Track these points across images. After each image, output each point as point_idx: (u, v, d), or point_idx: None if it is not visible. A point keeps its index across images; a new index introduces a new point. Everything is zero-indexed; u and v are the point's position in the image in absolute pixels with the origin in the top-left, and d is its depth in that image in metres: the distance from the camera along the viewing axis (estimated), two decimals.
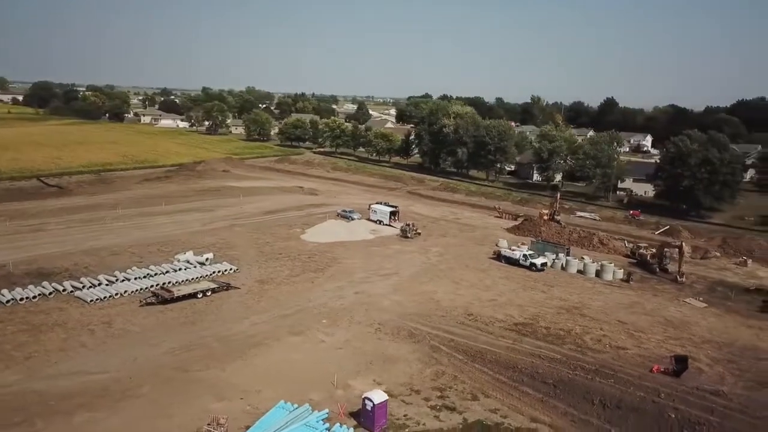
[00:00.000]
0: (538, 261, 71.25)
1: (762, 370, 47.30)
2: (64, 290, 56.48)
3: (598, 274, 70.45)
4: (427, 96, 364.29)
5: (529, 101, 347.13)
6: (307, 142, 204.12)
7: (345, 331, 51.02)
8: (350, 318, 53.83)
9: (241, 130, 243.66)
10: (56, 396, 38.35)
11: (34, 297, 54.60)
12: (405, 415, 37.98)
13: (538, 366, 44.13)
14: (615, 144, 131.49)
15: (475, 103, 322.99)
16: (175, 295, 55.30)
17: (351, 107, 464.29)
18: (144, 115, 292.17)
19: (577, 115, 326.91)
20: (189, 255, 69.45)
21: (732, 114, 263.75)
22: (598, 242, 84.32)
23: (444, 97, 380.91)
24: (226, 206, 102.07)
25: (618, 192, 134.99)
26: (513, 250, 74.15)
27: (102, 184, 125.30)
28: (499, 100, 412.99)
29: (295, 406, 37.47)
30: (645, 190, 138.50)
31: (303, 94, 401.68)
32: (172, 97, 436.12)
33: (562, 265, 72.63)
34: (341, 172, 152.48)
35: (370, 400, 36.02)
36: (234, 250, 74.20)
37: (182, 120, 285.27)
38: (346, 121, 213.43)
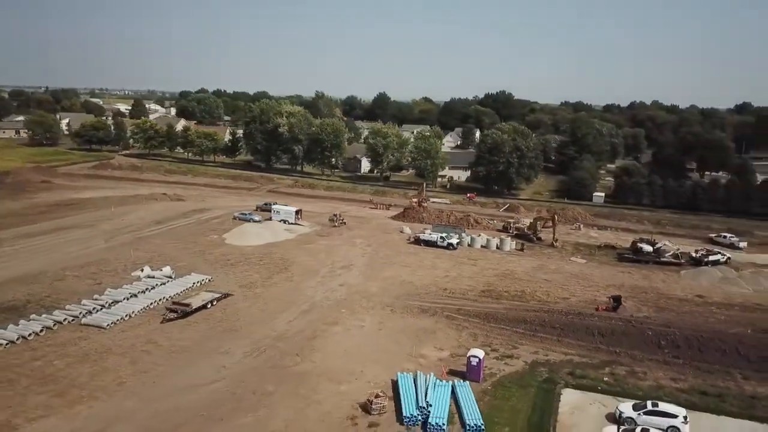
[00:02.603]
0: (454, 241, 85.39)
1: (651, 299, 67.49)
2: (65, 320, 53.84)
3: (498, 247, 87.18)
4: (203, 91, 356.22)
5: (295, 95, 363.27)
6: (108, 145, 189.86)
7: (369, 316, 58.75)
8: (361, 305, 61.46)
9: (9, 133, 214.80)
10: (199, 408, 40.57)
11: (41, 330, 51.47)
12: (485, 366, 48.47)
13: (542, 317, 57.98)
14: (439, 138, 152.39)
15: (254, 99, 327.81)
16: (193, 308, 56.76)
17: (96, 101, 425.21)
18: None
19: (352, 108, 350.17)
20: (147, 270, 68.50)
21: (481, 105, 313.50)
22: (474, 222, 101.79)
23: (217, 93, 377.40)
24: (104, 220, 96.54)
25: (439, 179, 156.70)
26: (430, 234, 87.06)
27: None
28: (264, 93, 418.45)
29: (411, 374, 45.50)
30: (459, 175, 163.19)
31: (65, 91, 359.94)
32: None
33: (468, 243, 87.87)
34: (179, 175, 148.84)
35: (476, 357, 45.96)
36: (179, 262, 74.13)
37: None
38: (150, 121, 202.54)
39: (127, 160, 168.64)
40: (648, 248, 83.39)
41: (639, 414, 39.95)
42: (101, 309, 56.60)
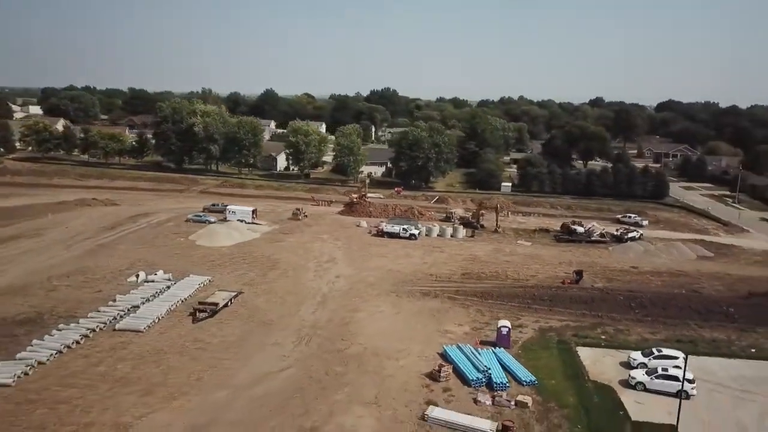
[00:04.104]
0: (415, 232, 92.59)
1: (599, 272, 79.03)
2: (97, 326, 54.11)
3: (452, 235, 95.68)
4: (72, 88, 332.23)
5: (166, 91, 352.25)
6: None
7: (382, 302, 64.27)
8: (368, 293, 66.75)
9: None
10: (288, 391, 44.39)
11: (81, 338, 51.63)
12: None
13: (532, 292, 66.92)
14: (358, 135, 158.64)
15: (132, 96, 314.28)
16: (219, 306, 59.06)
17: None
18: None
19: (236, 105, 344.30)
20: (143, 276, 68.72)
21: (368, 101, 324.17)
22: (418, 213, 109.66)
23: (87, 89, 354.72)
24: (47, 228, 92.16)
25: (359, 174, 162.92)
26: (393, 226, 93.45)
27: None
28: (142, 90, 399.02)
29: (455, 346, 52.11)
30: (375, 171, 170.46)
31: None
32: None
33: (425, 233, 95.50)
34: (95, 180, 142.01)
35: (506, 326, 53.63)
36: (163, 266, 74.25)
37: None
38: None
39: (23, 165, 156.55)
40: (581, 229, 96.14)
41: (649, 359, 49.74)
42: (126, 314, 57.14)
